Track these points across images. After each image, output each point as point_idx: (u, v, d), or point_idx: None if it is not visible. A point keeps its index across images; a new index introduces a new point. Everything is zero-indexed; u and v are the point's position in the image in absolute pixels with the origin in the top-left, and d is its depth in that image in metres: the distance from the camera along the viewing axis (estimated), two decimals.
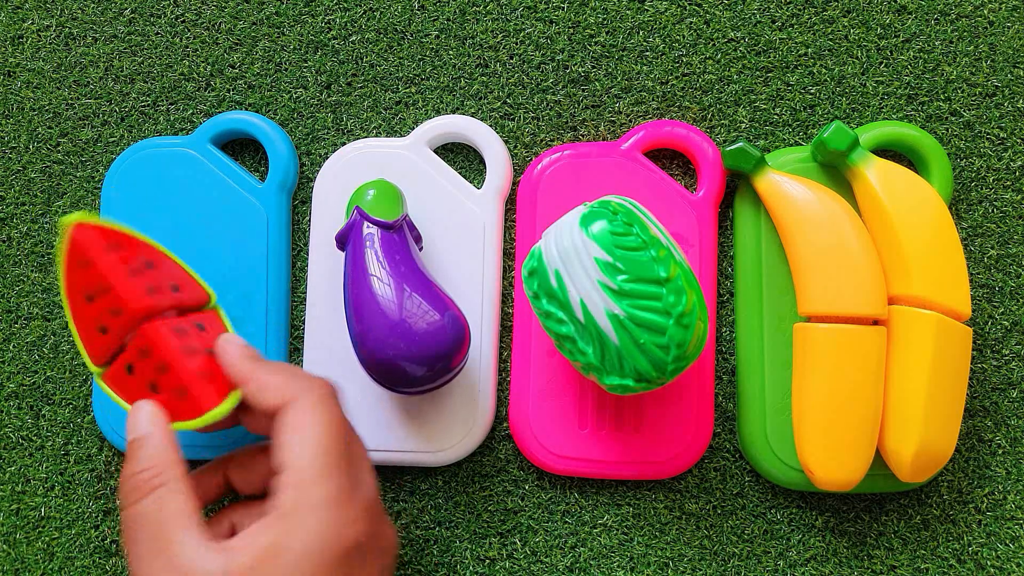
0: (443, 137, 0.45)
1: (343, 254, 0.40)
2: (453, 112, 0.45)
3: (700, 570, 0.43)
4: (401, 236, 0.39)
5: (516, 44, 0.46)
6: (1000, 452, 0.43)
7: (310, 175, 0.45)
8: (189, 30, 0.47)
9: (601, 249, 0.35)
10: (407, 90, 0.46)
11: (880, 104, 0.45)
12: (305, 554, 0.31)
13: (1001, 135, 0.45)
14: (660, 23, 0.46)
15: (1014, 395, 0.43)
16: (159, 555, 0.32)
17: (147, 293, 0.36)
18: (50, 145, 0.46)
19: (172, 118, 0.46)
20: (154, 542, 0.32)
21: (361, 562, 0.33)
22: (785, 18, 0.45)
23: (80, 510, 0.44)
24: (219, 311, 0.39)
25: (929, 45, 0.45)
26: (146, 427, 0.35)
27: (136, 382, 0.36)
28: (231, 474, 0.38)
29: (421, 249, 0.42)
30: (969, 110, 0.45)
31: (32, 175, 0.46)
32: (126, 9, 0.47)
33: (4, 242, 0.46)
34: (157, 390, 0.35)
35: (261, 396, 0.34)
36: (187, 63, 0.46)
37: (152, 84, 0.46)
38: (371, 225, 0.39)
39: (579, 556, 0.43)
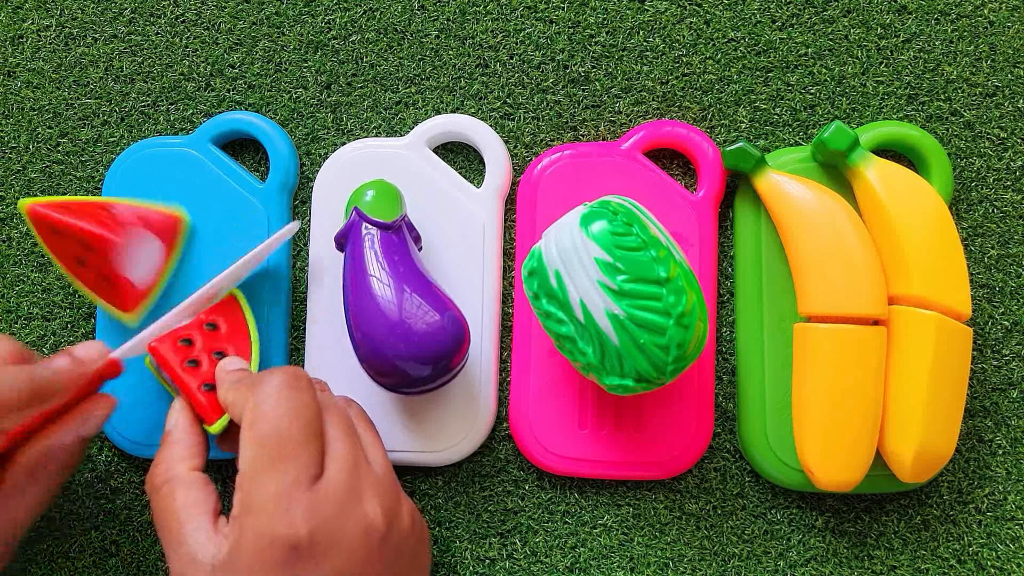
0: (443, 136, 0.45)
1: (342, 255, 0.40)
2: (453, 112, 0.45)
3: (700, 570, 0.43)
4: (400, 236, 0.39)
5: (516, 44, 0.46)
6: (1000, 452, 0.43)
7: (310, 175, 0.45)
8: (189, 30, 0.47)
9: (601, 249, 0.35)
10: (407, 90, 0.46)
11: (880, 104, 0.45)
12: (255, 552, 0.31)
13: (1001, 135, 0.45)
14: (660, 23, 0.46)
15: (1014, 395, 0.43)
16: (174, 545, 0.33)
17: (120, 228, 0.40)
18: (50, 145, 0.46)
19: (172, 118, 0.46)
20: (169, 533, 0.34)
21: (328, 553, 0.32)
22: (785, 18, 0.45)
23: (80, 510, 0.44)
24: (237, 296, 0.41)
25: (929, 45, 0.45)
26: (168, 424, 0.38)
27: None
28: None
29: (421, 249, 0.42)
30: (969, 110, 0.45)
31: (32, 175, 0.46)
32: (126, 9, 0.47)
33: (4, 242, 0.46)
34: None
35: (236, 419, 0.35)
36: (187, 63, 0.46)
37: (152, 84, 0.46)
38: (370, 226, 0.39)
39: (579, 556, 0.43)
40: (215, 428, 0.37)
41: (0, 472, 0.35)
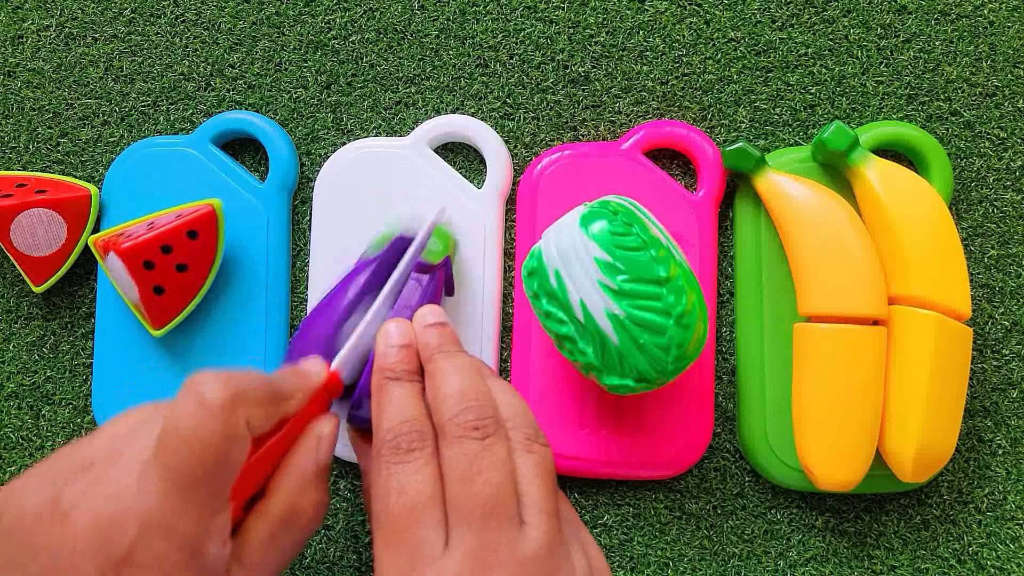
0: (443, 137, 0.45)
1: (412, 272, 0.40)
2: (453, 112, 0.46)
3: (700, 570, 0.43)
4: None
5: (516, 44, 0.46)
6: (1000, 452, 0.43)
7: (310, 175, 0.45)
8: (189, 30, 0.47)
9: (601, 249, 0.35)
10: (407, 90, 0.46)
11: (880, 104, 0.45)
12: None
13: (1001, 135, 0.45)
14: (660, 23, 0.46)
15: (1014, 395, 0.43)
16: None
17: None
18: (50, 145, 0.46)
19: (172, 118, 0.46)
20: None
21: None
22: (785, 18, 0.45)
23: None
24: (216, 208, 0.43)
25: (929, 45, 0.45)
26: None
27: None
28: None
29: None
30: (969, 110, 0.45)
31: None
32: (126, 9, 0.47)
33: None
34: None
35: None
36: (187, 63, 0.46)
37: (152, 84, 0.46)
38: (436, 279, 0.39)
39: None
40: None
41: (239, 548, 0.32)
